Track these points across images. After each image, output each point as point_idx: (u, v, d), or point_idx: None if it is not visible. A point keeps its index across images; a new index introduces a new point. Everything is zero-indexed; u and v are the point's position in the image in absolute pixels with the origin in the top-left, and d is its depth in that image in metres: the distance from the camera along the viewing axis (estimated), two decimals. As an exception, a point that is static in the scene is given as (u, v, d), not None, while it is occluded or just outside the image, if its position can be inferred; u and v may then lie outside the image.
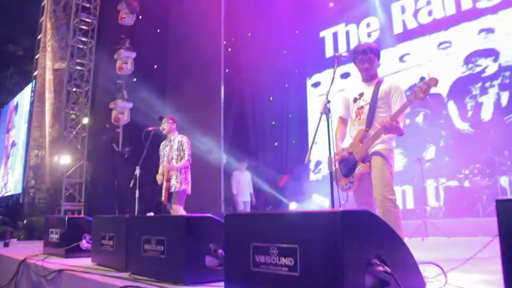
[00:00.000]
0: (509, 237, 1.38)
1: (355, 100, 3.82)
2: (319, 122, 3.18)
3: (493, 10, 8.56)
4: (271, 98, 11.22)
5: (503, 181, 7.63)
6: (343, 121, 3.96)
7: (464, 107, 8.70)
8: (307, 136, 10.84)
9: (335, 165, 3.52)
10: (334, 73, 3.45)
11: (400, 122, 3.44)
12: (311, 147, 3.34)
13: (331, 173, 3.21)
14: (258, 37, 10.90)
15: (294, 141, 11.16)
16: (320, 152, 10.31)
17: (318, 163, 10.87)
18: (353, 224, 1.86)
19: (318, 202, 9.57)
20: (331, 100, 3.26)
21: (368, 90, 3.75)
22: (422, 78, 3.16)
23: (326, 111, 3.22)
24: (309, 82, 11.44)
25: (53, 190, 9.66)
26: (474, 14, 8.79)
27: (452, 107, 8.87)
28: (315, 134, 3.24)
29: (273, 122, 11.27)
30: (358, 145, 3.63)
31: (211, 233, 2.92)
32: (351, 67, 3.55)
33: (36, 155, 11.37)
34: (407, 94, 3.53)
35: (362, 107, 3.72)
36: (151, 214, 6.31)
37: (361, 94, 3.79)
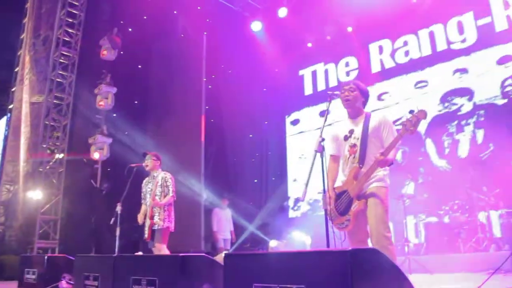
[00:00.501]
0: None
1: (346, 138, 3.81)
2: (313, 160, 3.20)
3: (467, 52, 8.84)
4: (250, 135, 11.27)
5: (482, 216, 7.66)
6: (335, 159, 3.94)
7: (441, 144, 8.83)
8: (286, 173, 10.80)
9: (329, 204, 3.53)
10: (327, 111, 3.52)
11: (391, 155, 3.46)
12: (306, 185, 3.30)
13: (325, 210, 3.25)
14: (238, 74, 11.00)
15: (273, 178, 11.12)
16: (298, 190, 10.45)
17: (297, 201, 10.83)
18: (363, 263, 1.85)
19: (299, 239, 9.43)
20: (325, 138, 3.32)
21: (357, 127, 3.76)
22: (411, 111, 3.37)
23: (320, 149, 3.25)
24: (288, 119, 11.51)
25: (25, 227, 9.31)
26: (448, 55, 9.04)
27: (429, 145, 9.00)
28: (310, 172, 3.24)
29: (253, 159, 11.28)
30: (352, 183, 3.62)
31: (205, 273, 2.85)
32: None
33: (7, 190, 10.97)
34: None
35: (354, 144, 3.71)
36: (140, 253, 6.13)
37: (351, 131, 3.78)
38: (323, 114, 3.81)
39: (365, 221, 3.52)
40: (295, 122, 11.35)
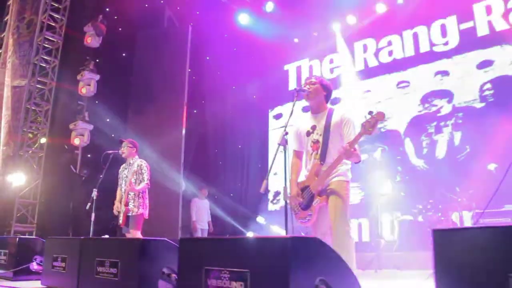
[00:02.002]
0: (443, 262, 1.50)
1: (308, 133, 3.84)
2: (276, 153, 3.28)
3: (448, 54, 8.92)
4: (232, 128, 11.25)
5: (455, 217, 7.72)
6: (297, 154, 3.98)
7: (420, 144, 8.91)
8: (267, 167, 10.80)
9: (294, 198, 3.66)
10: (293, 106, 3.51)
11: (357, 151, 3.52)
12: (267, 177, 3.36)
13: (286, 202, 3.32)
14: (223, 66, 10.94)
15: (254, 172, 11.15)
16: (279, 183, 10.33)
17: (276, 194, 10.88)
18: (303, 250, 1.95)
19: (276, 232, 9.51)
20: (289, 132, 3.34)
21: (319, 122, 3.78)
22: (370, 113, 3.45)
23: (284, 142, 3.29)
24: (271, 113, 11.50)
25: (3, 211, 9.32)
26: (431, 57, 9.11)
27: (408, 144, 9.09)
28: (271, 165, 3.35)
29: (234, 152, 11.28)
30: (314, 179, 3.66)
31: (165, 257, 2.95)
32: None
33: (-13, 173, 10.91)
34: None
35: (317, 140, 3.75)
36: (106, 236, 6.21)
37: (313, 127, 3.81)
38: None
39: (327, 216, 3.58)
40: (278, 117, 11.35)
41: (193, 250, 2.46)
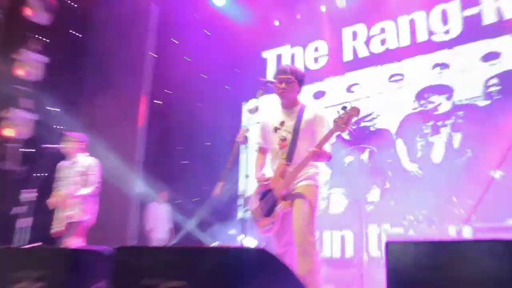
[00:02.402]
0: (395, 276, 1.52)
1: (275, 129, 3.97)
2: (233, 151, 3.40)
3: (449, 44, 8.89)
4: (201, 123, 11.16)
5: (452, 230, 7.68)
6: (263, 150, 4.12)
7: (413, 146, 8.88)
8: (238, 168, 10.46)
9: (253, 201, 3.76)
10: (257, 100, 3.78)
11: (327, 149, 3.64)
12: (224, 178, 3.57)
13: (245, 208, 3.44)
14: (192, 52, 10.86)
15: (223, 172, 10.92)
16: (250, 187, 9.89)
17: (247, 199, 10.70)
18: (245, 262, 1.92)
19: (246, 244, 9.42)
20: (254, 127, 3.44)
21: (289, 118, 3.89)
22: (344, 108, 3.56)
23: (244, 140, 3.46)
24: (245, 107, 11.38)
25: None
26: (429, 47, 9.07)
27: (400, 146, 9.06)
28: (227, 164, 3.45)
29: (202, 150, 11.20)
30: (278, 181, 3.77)
31: (101, 270, 2.90)
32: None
33: None
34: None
35: (285, 138, 3.86)
36: (36, 245, 6.08)
37: (282, 123, 3.94)
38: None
39: (291, 223, 3.65)
40: (252, 110, 10.99)
41: (129, 261, 2.43)
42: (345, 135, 9.20)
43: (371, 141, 9.23)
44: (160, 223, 9.28)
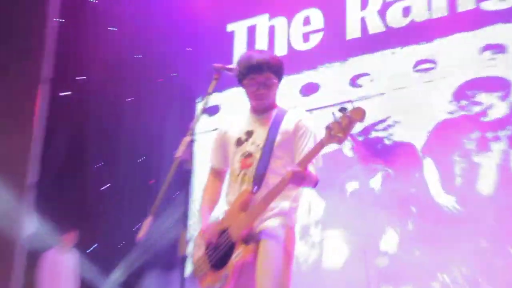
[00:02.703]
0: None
1: (239, 142, 3.94)
2: (172, 172, 3.32)
3: (507, 16, 8.20)
4: (133, 127, 10.49)
5: None
6: (217, 174, 4.13)
7: (449, 169, 8.26)
8: (189, 192, 9.82)
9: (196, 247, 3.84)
10: (208, 95, 3.71)
11: (312, 170, 3.62)
12: (153, 212, 3.35)
13: (183, 258, 3.31)
14: (120, 18, 10.43)
15: (168, 203, 9.71)
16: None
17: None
18: None
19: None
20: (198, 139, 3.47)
21: (261, 127, 3.91)
22: (343, 109, 3.33)
23: (187, 155, 3.34)
24: (201, 105, 10.25)
25: None
26: (477, 19, 8.37)
27: (430, 168, 8.38)
28: (161, 191, 3.35)
29: (134, 167, 10.48)
30: (237, 216, 3.70)
31: None
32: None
33: None
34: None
35: (250, 154, 3.86)
36: None
37: (249, 134, 3.93)
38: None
39: (253, 281, 3.57)
40: (212, 111, 10.32)
41: None
42: (347, 150, 9.04)
43: (386, 160, 8.73)
44: (63, 280, 8.70)
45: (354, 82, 9.12)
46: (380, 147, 8.87)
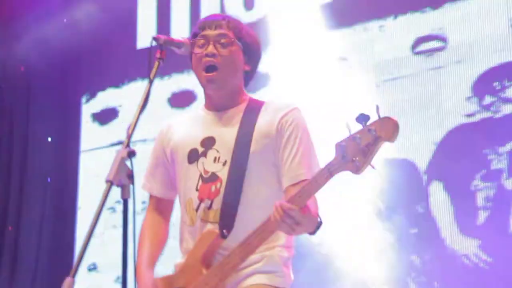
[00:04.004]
0: None
1: (193, 157, 3.35)
2: (102, 204, 2.59)
3: None
4: None
5: None
6: (159, 205, 3.55)
7: (469, 199, 6.62)
8: (74, 223, 8.80)
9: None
10: (150, 81, 3.06)
11: (312, 202, 3.04)
12: (80, 257, 2.53)
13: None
14: None
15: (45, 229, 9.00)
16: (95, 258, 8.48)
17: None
18: None
19: None
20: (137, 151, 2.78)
21: (226, 133, 3.38)
22: (363, 118, 2.28)
23: (122, 179, 2.64)
24: (88, 108, 8.94)
25: None
26: None
27: (439, 198, 6.83)
28: (90, 234, 2.54)
29: None
30: (198, 274, 3.22)
31: None
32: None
33: None
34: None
35: (213, 176, 3.29)
36: None
37: (208, 143, 3.36)
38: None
39: None
40: (104, 117, 8.81)
41: None
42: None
43: (374, 188, 7.04)
44: None
45: (323, 70, 7.38)
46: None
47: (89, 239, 2.50)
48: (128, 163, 2.62)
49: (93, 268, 8.17)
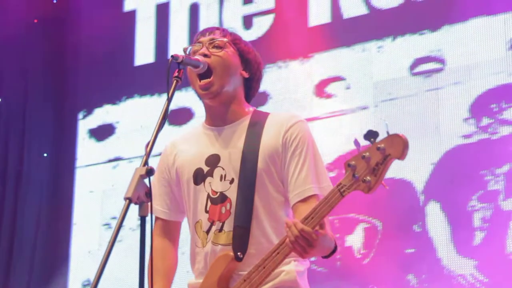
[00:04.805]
0: None
1: (199, 177, 3.34)
2: (120, 223, 2.59)
3: None
4: None
5: None
6: (166, 228, 3.53)
7: (466, 220, 6.72)
8: (69, 241, 8.54)
9: None
10: (168, 99, 2.96)
11: (327, 223, 3.03)
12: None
13: None
14: None
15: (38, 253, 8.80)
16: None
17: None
18: None
19: None
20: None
21: (231, 149, 3.35)
22: (371, 135, 2.38)
23: (141, 196, 2.65)
24: (85, 124, 8.86)
25: None
26: None
27: (435, 218, 6.87)
28: (109, 251, 2.57)
29: None
30: None
31: None
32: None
33: None
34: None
35: (223, 195, 3.26)
36: None
37: (214, 161, 3.34)
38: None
39: None
40: (100, 132, 8.70)
41: None
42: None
43: (371, 207, 7.10)
44: None
45: (320, 90, 7.47)
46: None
47: (107, 258, 2.50)
48: (146, 181, 2.61)
49: (87, 284, 8.10)
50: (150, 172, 2.58)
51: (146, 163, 2.63)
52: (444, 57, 6.87)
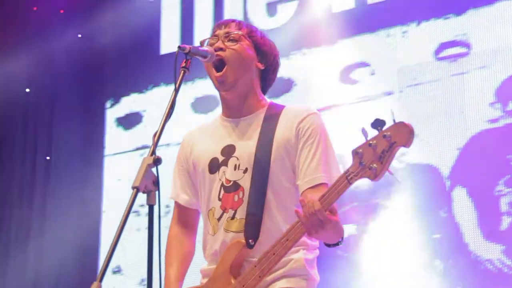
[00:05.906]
0: None
1: (214, 166, 3.39)
2: (128, 212, 2.64)
3: None
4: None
5: None
6: (185, 214, 3.60)
7: (492, 204, 6.68)
8: (99, 234, 8.67)
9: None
10: (175, 90, 3.06)
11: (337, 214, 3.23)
12: (100, 277, 2.52)
13: None
14: None
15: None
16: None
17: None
18: None
19: None
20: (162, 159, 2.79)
21: (245, 140, 3.41)
22: (378, 124, 2.44)
23: (148, 185, 2.70)
24: (112, 113, 8.93)
25: None
26: None
27: (462, 203, 6.79)
28: (117, 238, 2.59)
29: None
30: (228, 282, 3.22)
31: None
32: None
33: None
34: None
35: (235, 185, 3.30)
36: None
37: (229, 151, 3.40)
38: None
39: None
40: (128, 121, 8.81)
41: None
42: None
43: (392, 189, 7.18)
44: None
45: (345, 76, 7.43)
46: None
47: (116, 244, 2.58)
48: (153, 170, 2.69)
49: (117, 271, 8.21)
50: (157, 161, 2.66)
51: (153, 152, 2.71)
52: (469, 41, 6.85)
